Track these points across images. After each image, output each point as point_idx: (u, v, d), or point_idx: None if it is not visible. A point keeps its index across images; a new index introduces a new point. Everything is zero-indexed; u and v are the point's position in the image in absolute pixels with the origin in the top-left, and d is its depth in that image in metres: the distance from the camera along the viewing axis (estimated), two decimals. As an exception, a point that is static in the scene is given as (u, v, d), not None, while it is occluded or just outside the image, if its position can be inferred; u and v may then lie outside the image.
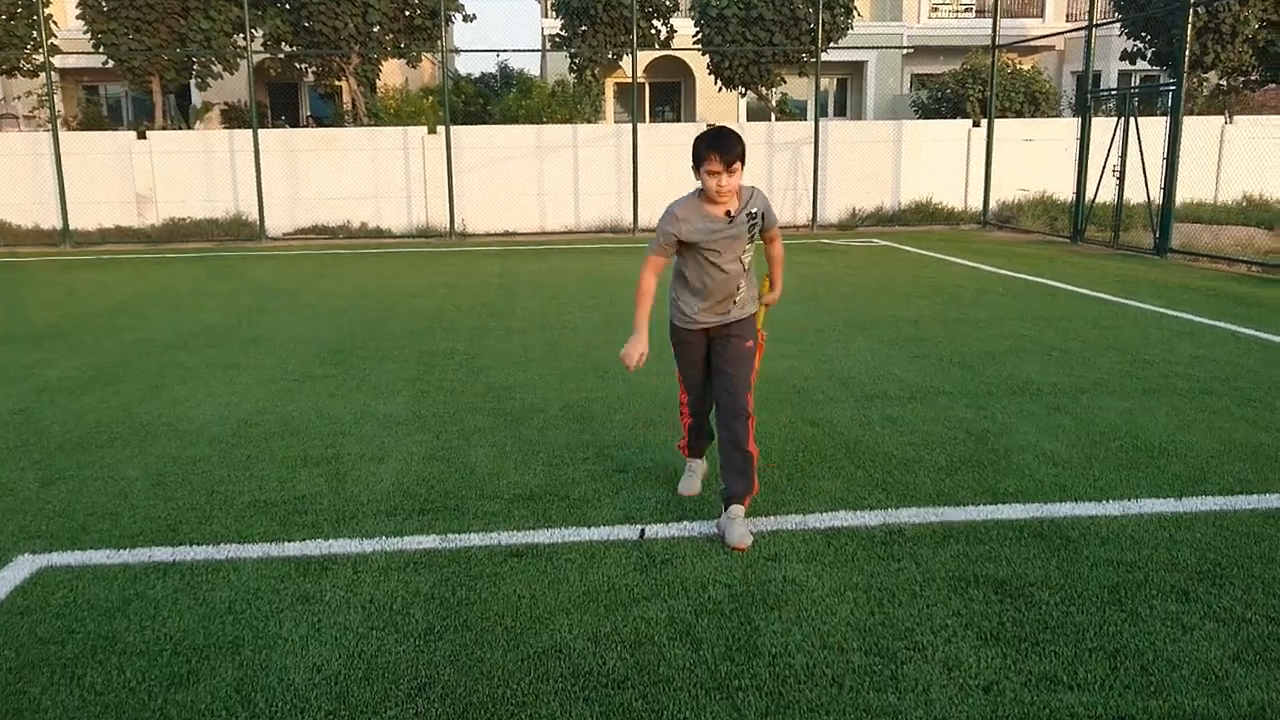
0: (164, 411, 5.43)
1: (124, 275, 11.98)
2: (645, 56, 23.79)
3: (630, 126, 16.49)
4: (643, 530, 3.63)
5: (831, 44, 18.32)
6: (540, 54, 26.72)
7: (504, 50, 23.72)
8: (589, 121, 19.83)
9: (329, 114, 23.30)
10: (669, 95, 29.55)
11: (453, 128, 16.58)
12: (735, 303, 3.64)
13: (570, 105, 20.13)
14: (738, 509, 3.57)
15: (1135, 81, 25.76)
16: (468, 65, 52.17)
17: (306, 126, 24.22)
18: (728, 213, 3.50)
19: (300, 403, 5.56)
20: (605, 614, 3.01)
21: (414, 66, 20.93)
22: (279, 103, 26.91)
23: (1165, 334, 7.19)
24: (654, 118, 28.72)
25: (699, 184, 3.51)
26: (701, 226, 3.50)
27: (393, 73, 23.39)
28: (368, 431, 4.97)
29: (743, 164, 3.43)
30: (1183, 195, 13.10)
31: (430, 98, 19.22)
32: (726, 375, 3.65)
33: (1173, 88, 12.74)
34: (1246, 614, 2.94)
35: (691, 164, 3.48)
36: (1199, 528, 3.58)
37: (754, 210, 3.56)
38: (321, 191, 16.74)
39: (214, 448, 4.74)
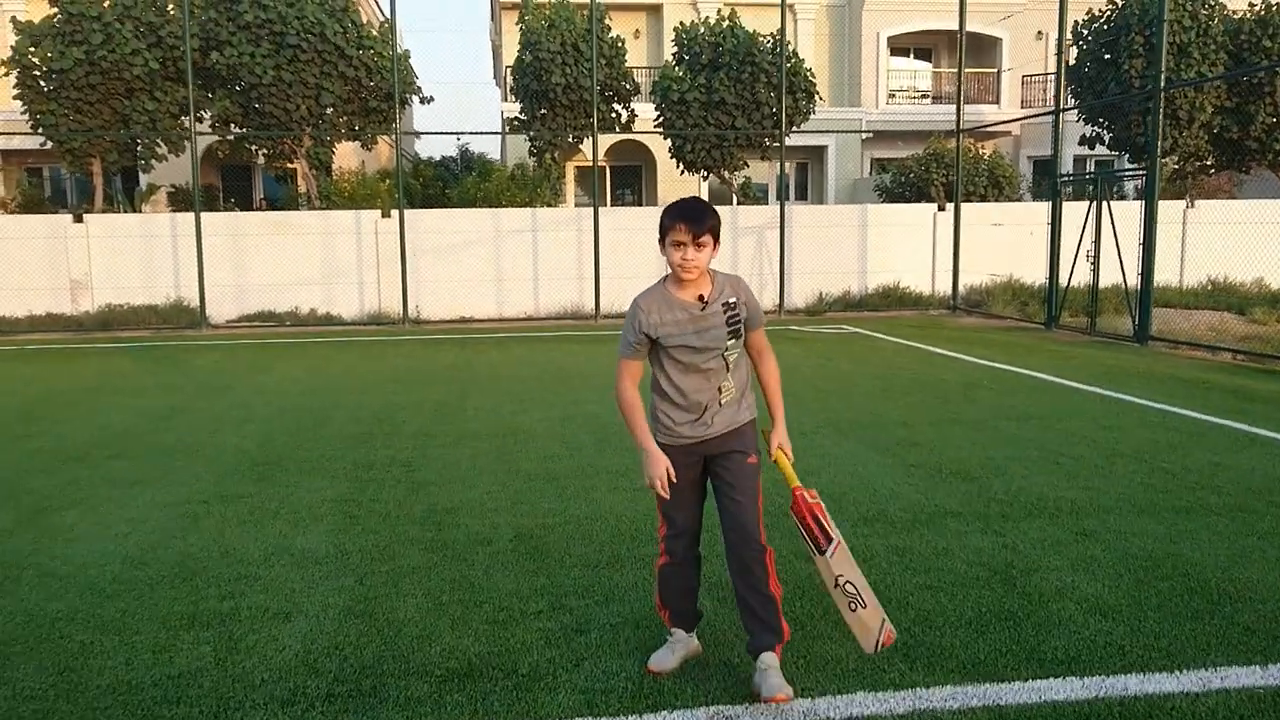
0: (38, 546, 4.57)
1: (44, 369, 11.06)
2: (606, 140, 23.54)
3: (590, 210, 15.99)
4: None
5: (794, 128, 18.09)
6: (500, 137, 26.40)
7: (461, 133, 23.33)
8: (549, 205, 19.36)
9: (282, 197, 22.66)
10: (630, 179, 29.34)
11: (408, 211, 16.00)
12: (721, 406, 3.10)
13: (530, 189, 19.68)
14: (769, 658, 3.03)
15: (1090, 167, 25.94)
16: (428, 149, 52.19)
17: (259, 210, 23.51)
18: (700, 298, 3.05)
19: (204, 534, 4.73)
20: None
21: (368, 149, 20.42)
22: (231, 185, 26.23)
23: (1176, 436, 6.58)
24: (615, 201, 28.41)
25: (666, 271, 3.12)
26: (670, 317, 3.04)
27: (348, 155, 22.88)
28: (278, 575, 4.15)
29: (716, 240, 3.02)
30: (1136, 280, 12.74)
31: (386, 181, 18.67)
32: (729, 503, 3.08)
33: (1144, 172, 12.48)
34: None
35: (658, 237, 3.06)
36: (1302, 710, 2.87)
37: (731, 299, 3.09)
38: (269, 277, 15.98)
39: (85, 599, 3.90)
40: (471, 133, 20.23)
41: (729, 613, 3.56)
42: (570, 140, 19.87)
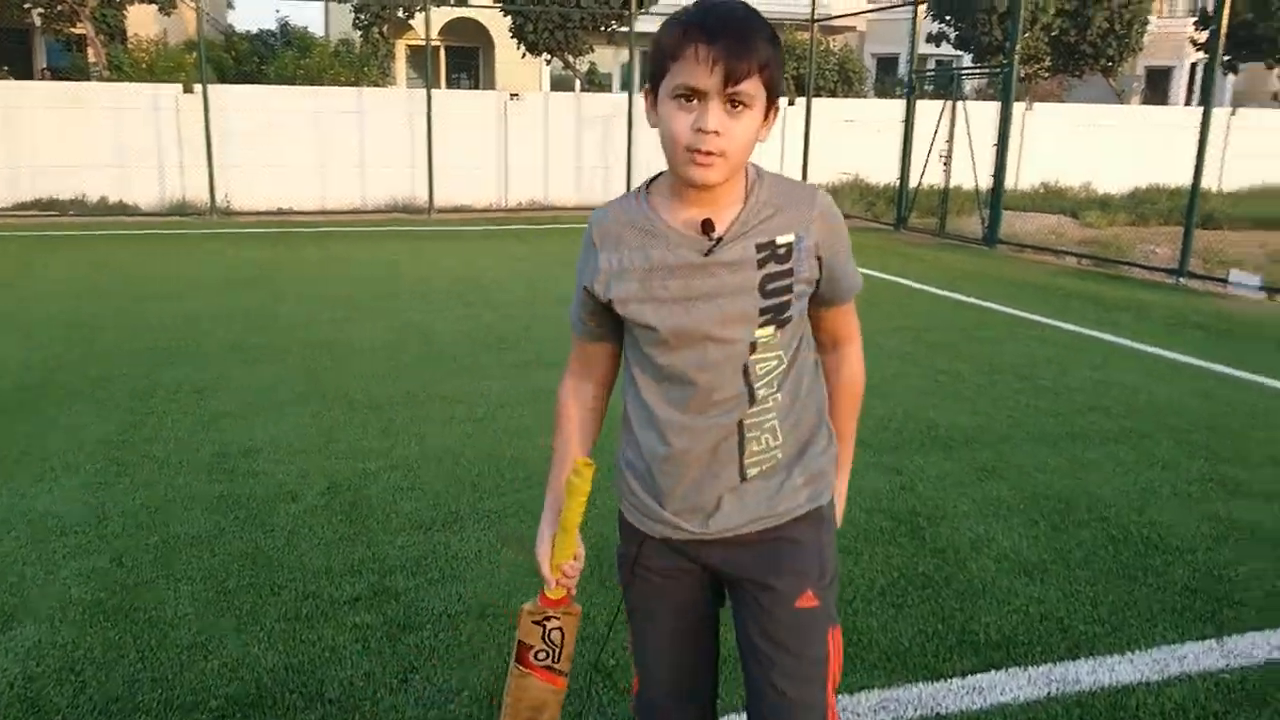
0: None
1: None
2: (440, 16, 21.76)
3: (424, 92, 14.58)
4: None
5: (643, 10, 17.00)
6: (323, 9, 24.01)
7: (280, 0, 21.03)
8: (377, 85, 17.73)
9: (67, 67, 19.91)
10: (466, 60, 27.52)
11: (215, 87, 14.15)
12: (744, 476, 1.48)
13: (356, 67, 17.96)
14: None
15: (931, 65, 26.03)
16: (244, 21, 47.94)
17: (42, 79, 20.64)
18: (706, 228, 1.41)
19: (-88, 493, 3.66)
20: None
21: (167, 14, 18.09)
22: (6, 51, 22.97)
23: (1051, 350, 6.27)
24: (450, 85, 26.60)
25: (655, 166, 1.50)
26: (636, 261, 1.45)
27: (146, 22, 20.25)
28: (2, 554, 3.17)
29: (772, 99, 1.38)
30: (987, 182, 12.68)
31: (193, 53, 16.55)
32: (762, 683, 1.52)
33: (999, 71, 12.22)
34: None
35: (647, 84, 1.41)
36: (1277, 695, 2.44)
37: (783, 239, 1.43)
38: (51, 158, 13.88)
39: None
40: (291, 0, 18.14)
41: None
42: (401, 14, 18.16)
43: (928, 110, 13.93)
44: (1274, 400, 5.17)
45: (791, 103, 16.83)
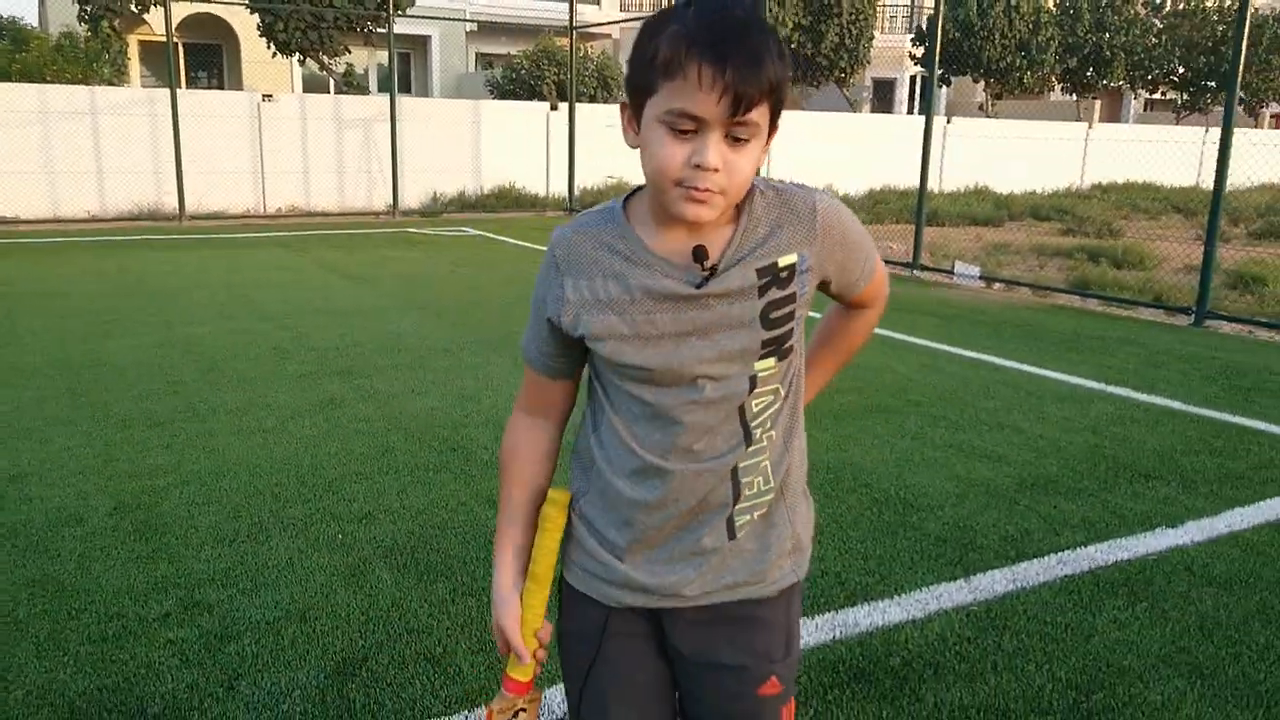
0: None
1: None
2: (178, 11, 20.43)
3: (166, 91, 13.70)
4: None
5: (399, 12, 16.75)
6: (37, -1, 21.95)
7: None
8: (111, 84, 16.47)
9: None
10: (208, 58, 25.97)
11: (-88, 83, 12.66)
12: (735, 534, 1.32)
13: (83, 63, 16.59)
14: None
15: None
16: (-65, 7, 42.97)
17: None
18: (699, 255, 1.22)
19: None
20: None
21: None
22: None
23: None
24: (190, 84, 25.01)
25: (635, 188, 1.30)
26: (613, 292, 1.25)
27: None
28: None
29: (775, 117, 1.18)
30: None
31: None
32: None
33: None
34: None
35: (625, 98, 1.20)
36: (1015, 626, 2.89)
37: (787, 261, 1.25)
38: None
39: None
40: (-2, -11, 16.48)
41: None
42: (133, 8, 16.95)
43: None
44: (995, 374, 5.92)
45: (554, 108, 17.14)
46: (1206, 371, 6.10)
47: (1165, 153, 20.04)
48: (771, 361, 1.27)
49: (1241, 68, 7.49)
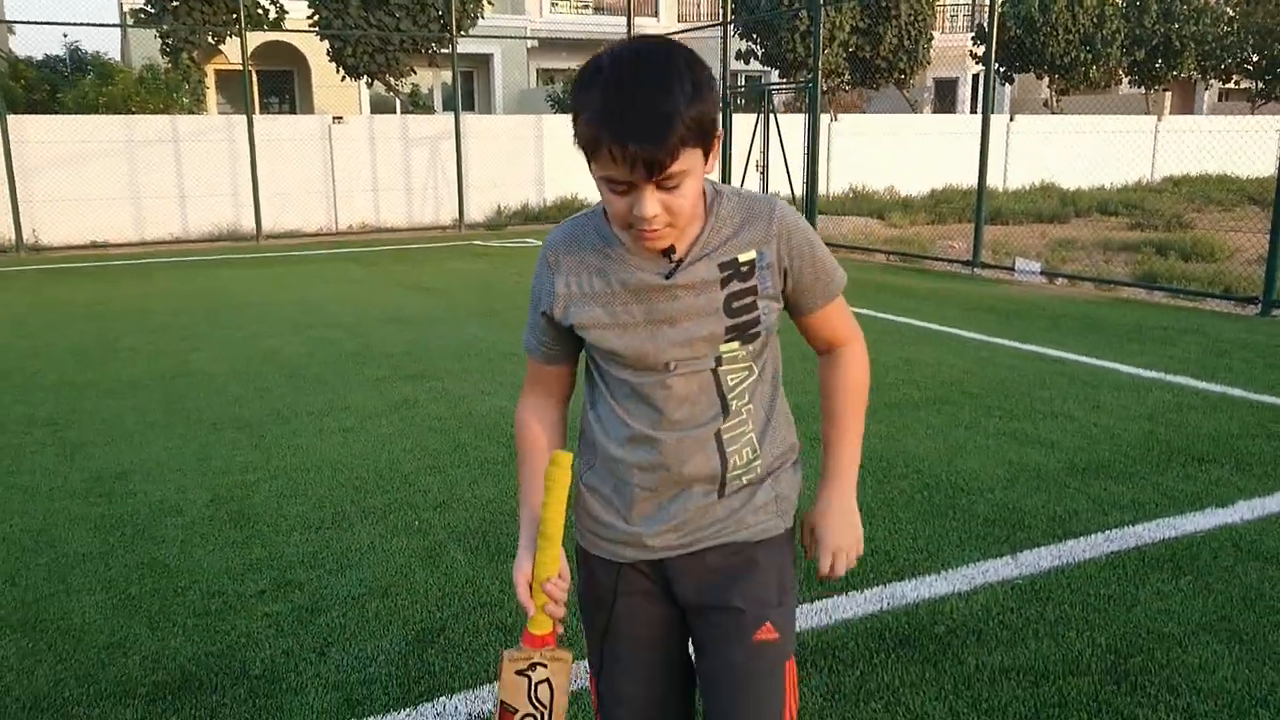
0: None
1: None
2: (251, 41, 21.24)
3: (243, 118, 14.31)
4: None
5: (462, 32, 17.22)
6: (120, 34, 23.00)
7: (68, 24, 19.99)
8: (191, 113, 17.20)
9: None
10: (280, 85, 26.87)
11: (15, 118, 13.43)
12: (723, 493, 1.49)
13: (164, 94, 17.34)
14: None
15: (741, 81, 27.30)
16: (26, 46, 44.97)
17: None
18: (669, 253, 1.41)
19: None
20: None
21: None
22: None
23: (866, 335, 6.93)
24: (263, 110, 25.90)
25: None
26: (596, 286, 1.44)
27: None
28: (-113, 585, 3.18)
29: (707, 153, 1.31)
30: (802, 189, 13.64)
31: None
32: (719, 713, 1.52)
33: (805, 85, 13.14)
34: (1203, 735, 2.33)
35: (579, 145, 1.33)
36: (1058, 598, 3.00)
37: (746, 255, 1.43)
38: None
39: None
40: (83, 24, 17.28)
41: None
42: (210, 39, 17.69)
43: (743, 123, 14.80)
44: (1051, 366, 5.96)
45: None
46: (1271, 360, 6.06)
47: (1240, 143, 19.59)
48: (736, 345, 1.43)
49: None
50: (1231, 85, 31.04)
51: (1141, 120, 21.54)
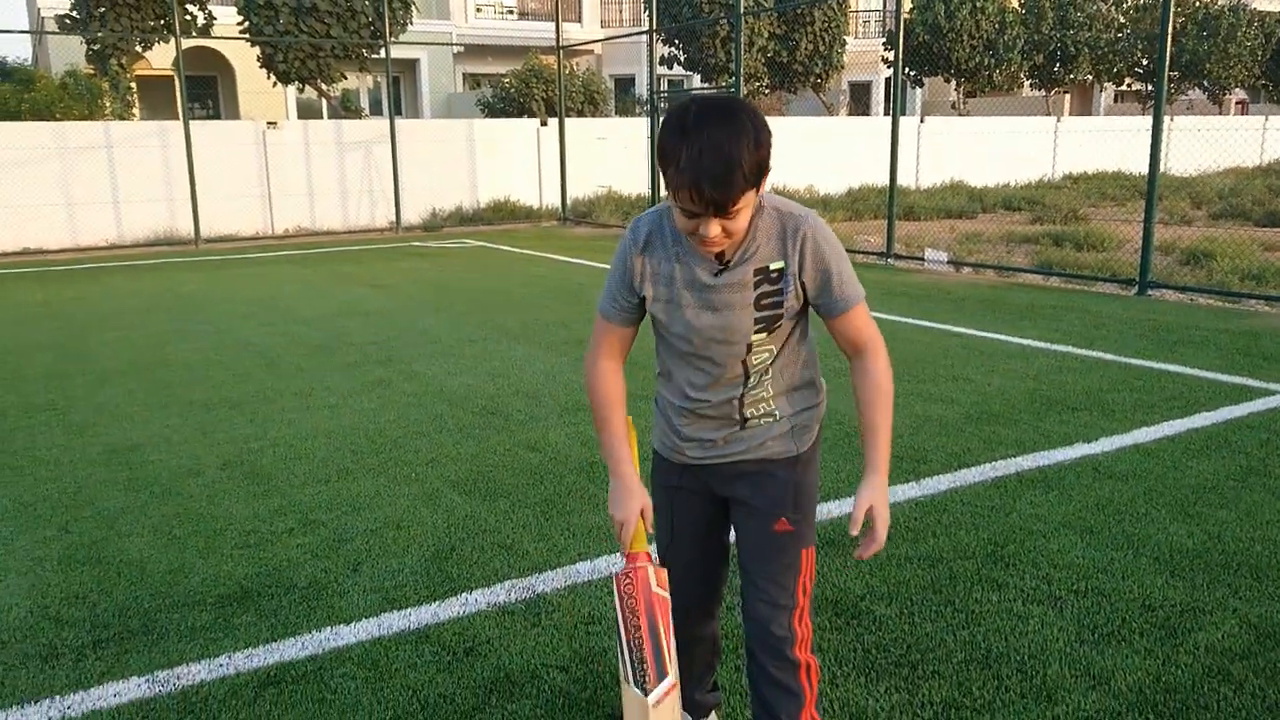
0: None
1: None
2: (174, 48, 21.25)
3: (174, 124, 14.51)
4: None
5: (395, 40, 17.59)
6: (36, 41, 22.75)
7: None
8: (121, 118, 17.26)
9: None
10: (203, 90, 26.75)
11: (-61, 125, 13.43)
12: (745, 425, 1.94)
13: (89, 100, 17.38)
14: None
15: (665, 86, 28.04)
16: (-72, 51, 43.61)
17: None
18: (721, 257, 1.83)
19: None
20: (431, 741, 2.35)
21: None
22: None
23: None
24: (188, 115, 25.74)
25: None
26: (665, 268, 1.87)
27: None
28: (-46, 536, 3.63)
29: (759, 186, 1.72)
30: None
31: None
32: (750, 582, 1.99)
33: (731, 89, 13.86)
34: (1058, 592, 3.03)
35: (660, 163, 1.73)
36: (953, 510, 3.70)
37: (776, 265, 1.83)
38: None
39: None
40: (8, 31, 17.20)
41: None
42: (138, 47, 17.75)
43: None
44: (954, 340, 6.73)
45: (544, 123, 17.99)
46: (1140, 331, 6.93)
47: (1133, 142, 20.96)
48: (764, 335, 1.85)
49: (1167, 63, 8.34)
50: (1125, 88, 32.88)
51: (1043, 121, 22.87)
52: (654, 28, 14.99)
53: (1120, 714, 2.40)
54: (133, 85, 19.41)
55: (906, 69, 24.84)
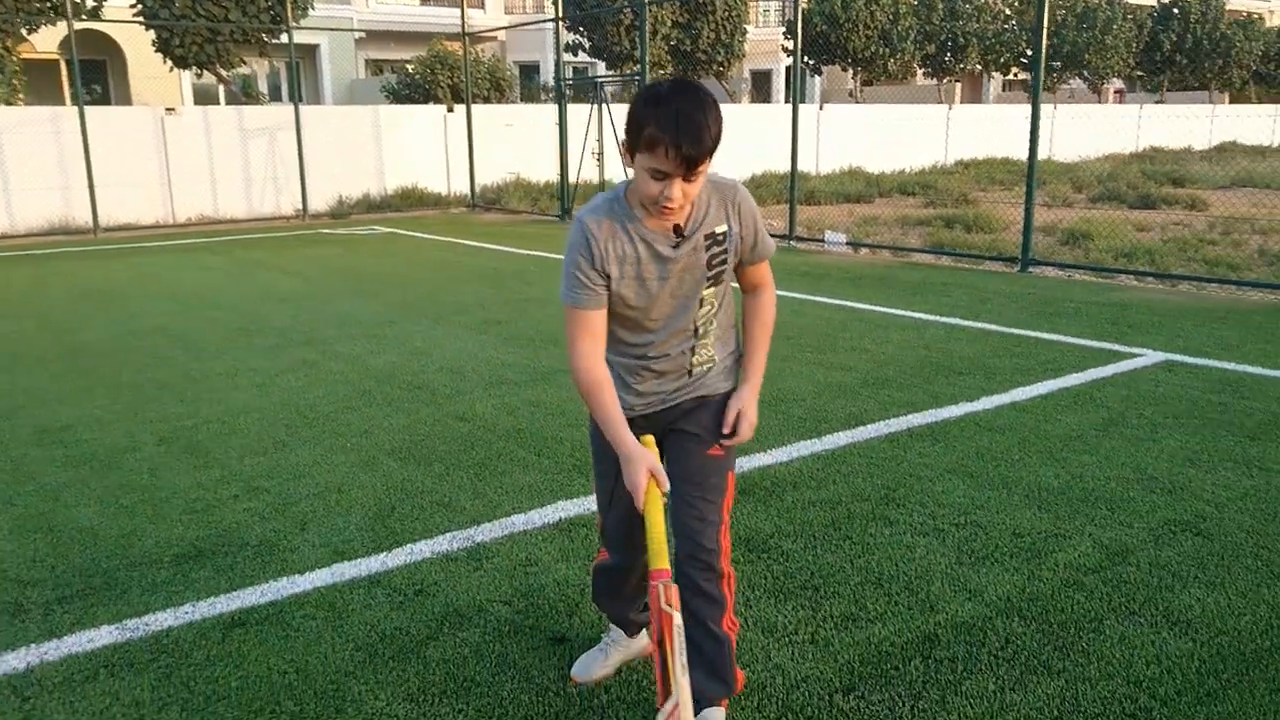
0: None
1: None
2: (60, 30, 20.54)
3: (67, 109, 14.13)
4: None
5: (298, 26, 17.37)
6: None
7: None
8: (7, 103, 16.67)
9: None
10: (93, 75, 25.86)
11: None
12: (691, 376, 2.24)
13: (-29, 84, 16.73)
14: (715, 713, 2.31)
15: (570, 73, 28.19)
16: None
17: None
18: (677, 229, 2.08)
19: None
20: (395, 665, 2.60)
21: None
22: None
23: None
24: (75, 100, 24.88)
25: (626, 179, 2.12)
26: (624, 250, 2.09)
27: None
28: (-103, 512, 3.71)
29: (711, 157, 1.98)
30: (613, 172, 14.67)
31: None
32: (683, 500, 2.23)
33: (636, 78, 14.17)
34: (941, 525, 3.43)
35: (625, 139, 2.01)
36: (851, 461, 4.09)
37: (720, 229, 2.13)
38: None
39: None
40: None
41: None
42: (24, 30, 17.14)
43: (576, 113, 15.73)
44: (852, 314, 7.18)
45: (450, 110, 18.01)
46: (1022, 303, 7.51)
47: (1020, 128, 21.98)
48: (711, 289, 2.16)
49: (1045, 55, 8.95)
50: (1012, 77, 34.33)
51: (935, 109, 23.79)
52: (559, 15, 15.18)
53: (991, 619, 2.80)
54: (19, 69, 18.73)
55: (806, 58, 25.54)
